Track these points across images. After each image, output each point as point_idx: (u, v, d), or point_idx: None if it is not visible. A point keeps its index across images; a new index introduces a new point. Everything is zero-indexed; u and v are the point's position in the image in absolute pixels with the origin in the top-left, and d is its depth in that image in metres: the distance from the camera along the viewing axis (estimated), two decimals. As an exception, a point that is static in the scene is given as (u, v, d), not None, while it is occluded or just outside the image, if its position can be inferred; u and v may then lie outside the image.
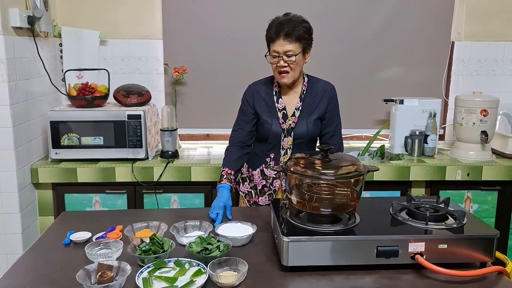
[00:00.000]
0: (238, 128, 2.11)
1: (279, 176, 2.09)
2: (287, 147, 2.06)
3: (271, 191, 2.12)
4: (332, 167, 1.52)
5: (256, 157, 2.13)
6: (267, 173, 2.11)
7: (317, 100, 2.06)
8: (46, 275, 1.43)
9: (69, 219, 1.94)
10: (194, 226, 1.74)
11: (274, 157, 2.09)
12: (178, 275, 1.36)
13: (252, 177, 2.15)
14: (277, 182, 2.10)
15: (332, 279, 1.41)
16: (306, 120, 2.03)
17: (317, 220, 1.52)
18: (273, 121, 2.04)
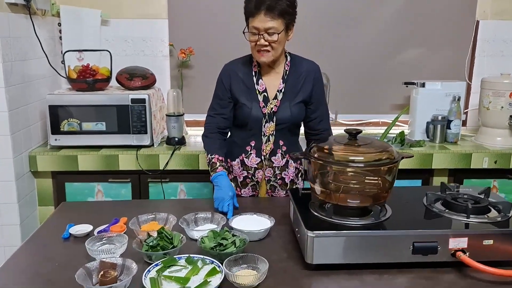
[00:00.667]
0: (214, 113, 1.88)
1: (262, 166, 1.88)
2: (269, 134, 1.85)
3: (253, 182, 1.92)
4: (361, 154, 1.35)
5: (234, 146, 1.91)
6: (248, 163, 1.89)
7: (301, 81, 1.84)
8: (43, 274, 1.28)
9: (69, 210, 1.78)
10: (206, 219, 1.59)
11: (255, 146, 1.87)
12: (191, 275, 1.20)
13: (231, 168, 1.94)
14: (259, 173, 1.89)
15: (362, 279, 1.26)
16: (289, 104, 1.83)
17: (344, 212, 1.36)
18: (253, 105, 1.82)
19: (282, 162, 1.89)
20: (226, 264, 1.24)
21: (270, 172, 1.89)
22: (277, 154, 1.87)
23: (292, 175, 1.92)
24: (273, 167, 1.89)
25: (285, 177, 1.91)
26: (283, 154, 1.88)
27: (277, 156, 1.88)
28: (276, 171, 1.89)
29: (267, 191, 1.93)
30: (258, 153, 1.87)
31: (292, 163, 1.91)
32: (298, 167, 1.95)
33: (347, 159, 1.34)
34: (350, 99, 3.03)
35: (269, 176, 1.89)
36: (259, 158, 1.87)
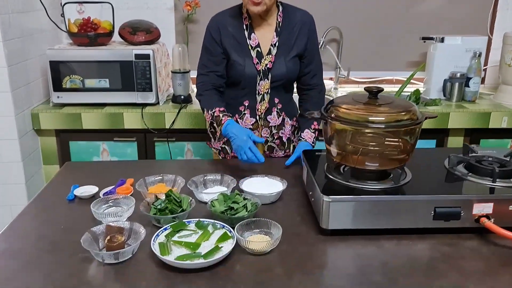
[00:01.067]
0: (206, 71, 1.72)
1: (257, 126, 1.78)
2: (264, 92, 1.74)
3: None
4: (382, 114, 1.26)
5: (227, 107, 1.74)
6: (242, 124, 1.77)
7: (295, 34, 1.71)
8: (47, 237, 1.24)
9: (73, 171, 1.73)
10: (215, 181, 1.52)
11: (249, 105, 1.76)
12: (201, 240, 1.15)
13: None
14: (255, 133, 1.73)
15: (380, 245, 1.20)
16: (284, 59, 1.70)
17: (361, 176, 1.29)
18: (246, 62, 1.69)
19: (278, 121, 1.79)
20: (237, 229, 1.18)
21: (266, 132, 1.80)
22: (272, 112, 1.77)
23: (288, 133, 1.83)
24: (269, 127, 1.79)
25: (282, 136, 1.82)
26: (278, 112, 1.78)
27: (273, 115, 1.78)
28: (273, 131, 1.80)
29: (264, 152, 1.84)
30: (252, 113, 1.77)
31: (288, 121, 1.81)
32: (294, 125, 1.86)
33: (366, 119, 1.25)
34: (363, 56, 2.90)
35: (266, 136, 1.80)
36: (253, 118, 1.77)
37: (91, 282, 1.05)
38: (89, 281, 1.06)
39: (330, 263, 1.14)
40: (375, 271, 1.09)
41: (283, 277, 1.07)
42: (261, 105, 1.75)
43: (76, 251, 1.15)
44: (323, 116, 1.32)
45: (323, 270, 1.10)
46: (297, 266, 1.11)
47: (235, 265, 1.11)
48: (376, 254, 1.16)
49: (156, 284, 1.04)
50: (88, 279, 1.06)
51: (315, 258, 1.15)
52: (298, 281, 1.05)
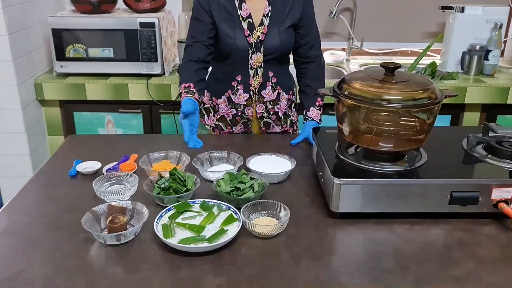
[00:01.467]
0: (193, 41, 1.60)
1: (251, 102, 1.69)
2: (257, 66, 1.63)
3: (244, 119, 1.75)
4: (399, 92, 1.18)
5: (219, 83, 1.70)
6: (235, 100, 1.69)
7: (290, 2, 1.60)
8: (48, 215, 1.20)
9: (76, 144, 1.68)
10: (221, 158, 1.47)
11: (242, 80, 1.66)
12: (206, 223, 1.11)
13: (218, 107, 1.75)
14: (249, 110, 1.71)
15: (393, 230, 1.15)
16: (278, 29, 1.60)
17: (374, 157, 1.23)
18: (237, 34, 1.59)
19: (273, 96, 1.70)
20: (243, 211, 1.14)
21: (261, 108, 1.71)
22: (267, 87, 1.68)
23: (284, 108, 1.75)
24: (264, 102, 1.70)
25: (278, 111, 1.74)
26: (273, 86, 1.69)
27: (268, 90, 1.69)
28: (268, 106, 1.71)
29: (260, 128, 1.77)
30: (246, 88, 1.68)
31: (284, 95, 1.73)
32: (290, 98, 1.78)
33: (381, 97, 1.17)
34: (377, 26, 2.78)
35: (261, 112, 1.72)
36: (247, 94, 1.68)
37: (92, 264, 1.02)
38: (90, 262, 1.02)
39: (340, 249, 1.10)
40: (386, 258, 1.05)
41: (290, 262, 1.03)
42: (254, 80, 1.66)
43: (77, 230, 1.11)
44: (336, 93, 1.25)
45: (331, 256, 1.06)
46: (305, 250, 1.06)
47: (240, 248, 1.07)
48: (387, 239, 1.11)
49: (159, 268, 1.00)
50: (88, 261, 1.03)
51: (323, 243, 1.10)
52: (306, 266, 1.01)
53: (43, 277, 0.98)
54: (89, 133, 2.43)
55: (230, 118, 1.75)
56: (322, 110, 1.72)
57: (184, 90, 1.53)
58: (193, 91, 1.54)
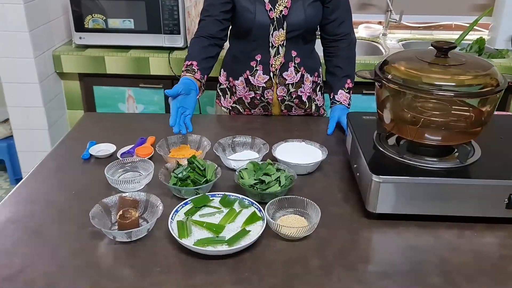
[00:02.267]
0: (205, 15, 1.48)
1: (271, 85, 1.52)
2: (279, 44, 1.46)
3: (264, 103, 1.57)
4: (452, 77, 1.02)
5: (236, 62, 1.54)
6: (254, 82, 1.52)
7: None
8: (56, 205, 1.11)
9: (92, 123, 1.58)
10: (245, 144, 1.34)
11: (261, 60, 1.50)
12: (225, 222, 0.99)
13: (235, 89, 1.59)
14: (268, 93, 1.54)
15: (438, 235, 1.01)
16: (303, 3, 1.44)
17: (419, 150, 1.08)
18: (257, 9, 1.43)
19: (296, 78, 1.53)
20: (268, 208, 1.02)
21: (283, 91, 1.54)
22: (289, 68, 1.51)
23: (308, 91, 1.57)
24: (286, 85, 1.53)
25: (302, 94, 1.57)
26: (296, 67, 1.51)
27: (290, 71, 1.51)
28: (291, 89, 1.54)
29: (281, 111, 1.61)
30: (265, 69, 1.51)
31: (308, 77, 1.55)
32: (315, 81, 1.60)
33: (432, 83, 1.01)
34: (418, -3, 2.55)
35: (283, 95, 1.55)
36: (267, 76, 1.51)
37: (99, 263, 0.92)
38: (97, 262, 0.93)
39: (377, 256, 0.96)
40: (431, 270, 0.91)
41: (320, 271, 0.90)
42: (275, 60, 1.49)
43: (86, 223, 1.01)
44: (377, 77, 1.09)
45: (367, 265, 0.93)
46: (337, 257, 0.94)
47: (263, 252, 0.95)
48: (432, 247, 0.97)
49: (171, 271, 0.90)
50: (95, 260, 0.93)
51: (358, 249, 0.97)
52: (337, 278, 0.89)
53: (44, 277, 0.89)
54: (109, 108, 2.33)
55: (248, 101, 1.59)
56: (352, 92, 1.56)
57: (185, 69, 1.42)
58: (194, 69, 1.41)
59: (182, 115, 1.32)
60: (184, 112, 1.33)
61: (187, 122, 1.33)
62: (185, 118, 1.33)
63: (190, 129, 1.32)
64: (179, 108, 1.31)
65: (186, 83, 1.36)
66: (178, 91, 1.31)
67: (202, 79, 1.44)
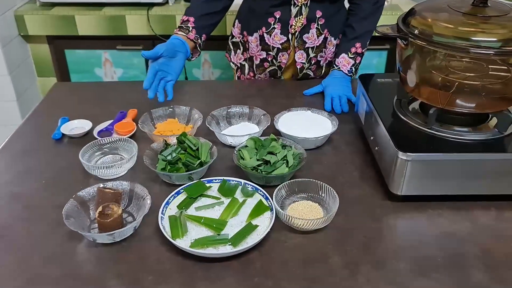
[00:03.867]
0: None
1: (288, 47, 1.32)
2: (302, 3, 1.25)
3: (274, 67, 1.38)
4: (492, 31, 0.84)
5: (252, 15, 1.34)
6: (269, 41, 1.32)
7: None
8: (23, 199, 0.93)
9: (63, 95, 1.37)
10: (242, 115, 1.17)
11: (280, 18, 1.28)
12: (227, 216, 0.83)
13: (248, 45, 1.39)
14: (283, 56, 1.35)
15: (475, 219, 0.87)
16: None
17: (447, 118, 0.92)
18: None
19: (318, 41, 1.33)
20: (276, 196, 0.86)
21: (302, 56, 1.34)
22: (311, 30, 1.30)
23: (330, 55, 1.39)
24: (306, 49, 1.33)
25: (321, 59, 1.38)
26: (319, 29, 1.31)
27: (311, 33, 1.31)
28: (310, 54, 1.35)
29: (292, 75, 1.42)
30: (284, 29, 1.30)
31: (332, 41, 1.35)
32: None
33: (468, 38, 0.83)
34: None
35: (302, 62, 1.36)
36: (284, 37, 1.31)
37: (78, 272, 0.76)
38: (76, 271, 0.77)
39: (409, 250, 0.81)
40: (473, 263, 0.77)
41: (344, 270, 0.76)
42: (296, 21, 1.28)
43: (59, 220, 0.83)
44: (400, 30, 0.91)
45: (398, 261, 0.78)
46: (362, 252, 0.80)
47: (274, 249, 0.80)
48: (470, 234, 0.84)
49: (167, 280, 0.74)
50: (74, 268, 0.77)
51: (385, 240, 0.83)
52: (366, 278, 0.75)
53: (11, 294, 0.73)
54: (85, 74, 2.11)
55: (258, 62, 1.39)
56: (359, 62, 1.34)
57: (180, 25, 1.23)
58: (188, 27, 1.22)
59: (162, 80, 1.13)
60: (165, 77, 1.14)
61: (167, 88, 1.14)
62: (166, 84, 1.14)
63: (170, 97, 1.13)
64: (158, 72, 1.12)
65: (172, 43, 1.16)
66: (157, 53, 1.11)
67: (197, 39, 1.24)
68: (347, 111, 1.23)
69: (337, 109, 1.22)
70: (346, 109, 1.23)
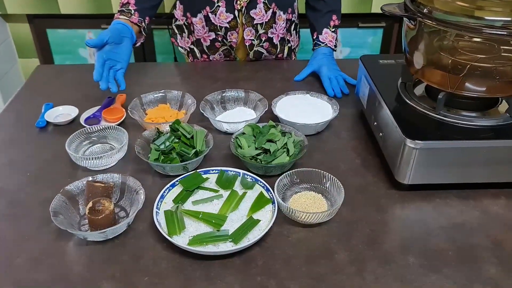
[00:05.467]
0: None
1: (235, 25, 1.24)
2: None
3: (226, 46, 1.31)
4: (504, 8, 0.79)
5: None
6: (215, 21, 1.24)
7: None
8: (6, 194, 0.87)
9: (47, 79, 1.30)
10: (237, 99, 1.11)
11: None
12: (227, 211, 0.78)
13: (193, 27, 1.30)
14: (232, 35, 1.27)
15: (484, 208, 0.83)
16: None
17: (456, 103, 0.87)
18: None
19: (266, 17, 1.25)
20: (278, 187, 0.81)
21: (251, 33, 1.27)
22: (258, 5, 1.22)
23: (282, 31, 1.31)
24: (255, 25, 1.26)
25: (273, 36, 1.30)
26: (267, 4, 1.23)
27: (258, 8, 1.23)
28: (260, 31, 1.27)
29: (247, 56, 1.34)
30: (229, 6, 1.22)
31: (281, 15, 1.27)
32: (290, 18, 1.32)
33: (482, 18, 0.78)
34: None
35: (250, 39, 1.28)
36: (231, 14, 1.23)
37: (68, 274, 0.71)
38: (65, 273, 0.72)
39: (417, 243, 0.77)
40: (484, 255, 0.74)
41: (350, 267, 0.72)
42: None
43: (47, 216, 0.77)
44: (407, 9, 0.85)
45: (408, 255, 0.74)
46: (368, 247, 0.76)
47: (277, 245, 0.76)
48: (480, 224, 0.80)
49: (165, 281, 0.70)
50: (64, 270, 0.72)
51: (392, 232, 0.79)
52: (374, 276, 0.71)
53: (-3, 301, 0.68)
54: (68, 55, 2.02)
55: (208, 44, 1.31)
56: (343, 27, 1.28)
57: (120, 9, 1.14)
58: (130, 10, 1.14)
59: (112, 70, 1.06)
60: (114, 66, 1.06)
61: (118, 77, 1.06)
62: (116, 73, 1.06)
63: (122, 87, 1.06)
64: (106, 61, 1.04)
65: (116, 29, 1.08)
66: (102, 41, 1.03)
67: (141, 22, 1.16)
68: (348, 93, 1.18)
69: (339, 93, 1.17)
70: (347, 91, 1.18)
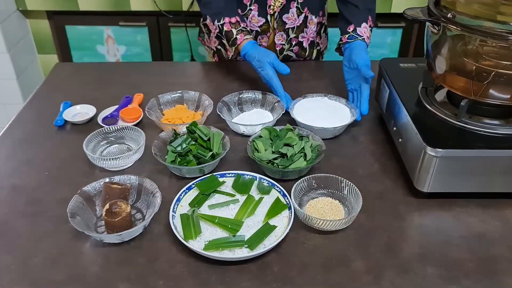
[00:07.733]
0: None
1: (267, 29, 1.23)
2: None
3: None
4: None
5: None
6: (247, 25, 1.19)
7: None
8: (24, 194, 0.87)
9: (66, 76, 1.31)
10: (254, 101, 1.10)
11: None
12: (243, 216, 0.78)
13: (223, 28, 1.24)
14: (262, 39, 1.25)
15: (506, 219, 0.82)
16: None
17: (478, 110, 0.85)
18: None
19: (298, 21, 1.24)
20: (295, 192, 0.81)
21: (281, 38, 1.26)
22: (290, 9, 1.21)
23: (312, 35, 1.29)
24: (286, 30, 1.25)
25: (303, 40, 1.29)
26: (299, 8, 1.21)
27: (291, 13, 1.22)
28: (291, 35, 1.26)
29: None
30: (262, 11, 1.20)
31: (312, 19, 1.26)
32: (320, 21, 1.30)
33: (505, 22, 0.76)
34: None
35: (281, 43, 1.27)
36: (263, 18, 1.22)
37: (84, 275, 0.72)
38: (81, 273, 0.72)
39: (437, 252, 0.76)
40: (505, 268, 0.72)
41: (367, 276, 0.71)
42: (275, 0, 1.18)
43: (64, 216, 0.78)
44: (431, 13, 0.83)
45: (426, 265, 0.73)
46: (386, 255, 0.75)
47: (293, 251, 0.75)
48: (502, 235, 0.78)
49: (180, 285, 0.70)
50: (79, 271, 0.72)
51: (410, 242, 0.78)
52: (391, 284, 0.70)
53: (13, 301, 0.69)
54: (86, 51, 2.03)
55: None
56: None
57: (238, 30, 1.11)
58: (247, 29, 1.13)
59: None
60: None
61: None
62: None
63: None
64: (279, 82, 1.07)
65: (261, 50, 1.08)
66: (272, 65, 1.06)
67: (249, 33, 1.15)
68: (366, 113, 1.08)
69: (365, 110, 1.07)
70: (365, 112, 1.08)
